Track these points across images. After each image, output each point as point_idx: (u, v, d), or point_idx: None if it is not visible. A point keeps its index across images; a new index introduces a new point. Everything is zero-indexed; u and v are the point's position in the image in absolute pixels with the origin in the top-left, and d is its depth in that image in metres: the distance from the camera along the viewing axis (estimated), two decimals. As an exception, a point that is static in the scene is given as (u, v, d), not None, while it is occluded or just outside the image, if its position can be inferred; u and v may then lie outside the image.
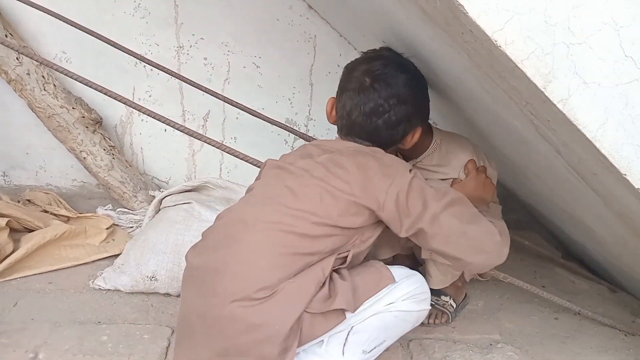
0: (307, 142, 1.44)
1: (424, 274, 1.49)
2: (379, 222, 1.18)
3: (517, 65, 0.80)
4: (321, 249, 1.11)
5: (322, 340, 1.12)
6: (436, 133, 1.46)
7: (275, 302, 1.04)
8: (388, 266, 1.20)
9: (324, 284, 1.10)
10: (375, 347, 1.17)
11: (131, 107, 1.48)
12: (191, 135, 1.40)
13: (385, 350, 1.31)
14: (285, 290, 1.05)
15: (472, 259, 1.18)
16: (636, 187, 0.88)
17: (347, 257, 1.15)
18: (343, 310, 1.10)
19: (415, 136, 1.30)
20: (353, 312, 1.10)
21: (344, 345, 1.13)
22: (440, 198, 1.14)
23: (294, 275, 1.08)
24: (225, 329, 1.05)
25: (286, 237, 1.09)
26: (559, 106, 0.83)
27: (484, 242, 1.17)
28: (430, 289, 1.48)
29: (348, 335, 1.13)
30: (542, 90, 0.82)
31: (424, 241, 1.16)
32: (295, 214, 1.10)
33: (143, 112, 1.43)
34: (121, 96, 1.44)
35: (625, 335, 1.45)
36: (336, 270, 1.14)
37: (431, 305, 1.45)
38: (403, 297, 1.17)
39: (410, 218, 1.13)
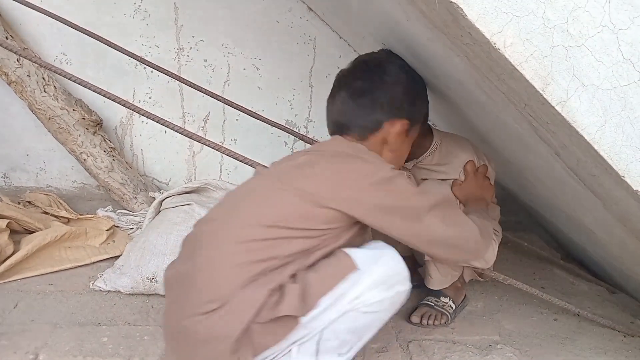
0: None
1: (424, 274, 1.50)
2: (356, 222, 1.11)
3: (515, 68, 0.81)
4: (280, 253, 1.04)
5: (290, 350, 1.04)
6: (436, 134, 1.47)
7: (221, 315, 1.00)
8: (354, 249, 1.09)
9: (279, 289, 1.02)
10: (351, 348, 1.10)
11: (130, 109, 1.48)
12: (190, 137, 1.40)
13: (384, 352, 1.31)
14: (233, 301, 1.00)
15: (450, 257, 1.23)
16: (635, 188, 0.89)
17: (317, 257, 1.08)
18: (295, 316, 1.01)
19: (396, 127, 1.22)
20: (304, 315, 1.01)
21: (317, 355, 1.05)
22: (422, 198, 1.12)
23: (248, 284, 1.02)
24: (183, 344, 1.04)
25: (242, 247, 1.04)
26: (558, 108, 0.83)
27: (465, 244, 1.18)
28: (430, 289, 1.49)
29: (319, 344, 1.05)
30: (541, 92, 0.82)
31: (403, 240, 1.14)
32: (250, 221, 1.06)
33: (142, 114, 1.43)
34: (120, 98, 1.44)
35: (625, 336, 1.45)
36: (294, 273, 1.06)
37: (430, 306, 1.47)
38: (370, 286, 1.05)
39: (389, 217, 1.09)
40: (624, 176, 0.88)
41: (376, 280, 1.05)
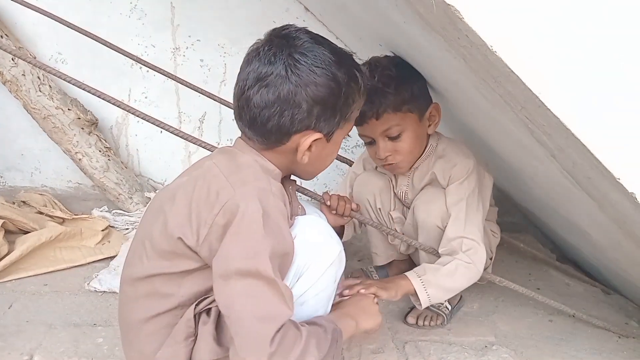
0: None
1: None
2: None
3: (512, 71, 0.81)
4: (178, 301, 0.96)
5: None
6: (432, 137, 1.46)
7: None
8: None
9: (195, 335, 0.96)
10: (300, 277, 1.00)
11: (125, 110, 1.47)
12: (185, 139, 1.40)
13: (380, 353, 1.32)
14: None
15: (237, 345, 0.90)
16: (630, 191, 0.89)
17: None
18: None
19: (307, 140, 0.99)
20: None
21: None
22: (252, 264, 0.89)
23: (166, 337, 0.96)
24: None
25: (138, 304, 0.99)
26: (554, 111, 0.84)
27: (255, 335, 0.88)
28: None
29: None
30: (537, 95, 0.83)
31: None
32: (134, 275, 1.00)
33: (137, 116, 1.42)
34: (115, 99, 1.44)
35: (619, 337, 1.46)
36: (209, 310, 0.97)
37: (426, 307, 1.47)
38: (296, 278, 1.00)
39: (224, 273, 0.90)
40: (619, 178, 0.88)
41: (304, 272, 1.00)
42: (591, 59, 0.81)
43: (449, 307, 1.49)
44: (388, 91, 1.31)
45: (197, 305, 0.96)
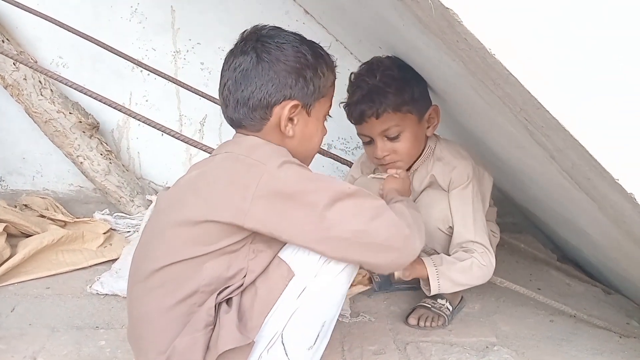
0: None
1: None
2: None
3: (511, 73, 0.81)
4: (196, 286, 0.98)
5: (260, 358, 1.02)
6: (430, 139, 1.47)
7: None
8: (289, 250, 1.02)
9: (215, 324, 0.98)
10: (317, 336, 1.05)
11: (126, 113, 1.48)
12: (186, 142, 1.41)
13: (382, 354, 1.32)
14: (176, 350, 0.97)
15: (378, 260, 1.00)
16: (629, 191, 0.89)
17: (244, 278, 1.00)
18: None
19: (285, 110, 1.05)
20: (251, 340, 0.97)
21: (286, 353, 1.02)
22: (321, 192, 0.96)
23: (183, 326, 0.98)
24: None
25: (156, 292, 1.01)
26: (552, 112, 0.84)
27: (390, 239, 0.99)
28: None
29: (283, 344, 1.02)
30: (536, 97, 0.83)
31: (307, 247, 0.99)
32: (154, 265, 1.01)
33: (138, 119, 1.43)
34: (116, 103, 1.45)
35: (620, 337, 1.46)
36: (230, 298, 1.00)
37: (427, 308, 1.47)
38: (315, 278, 1.01)
39: (281, 224, 0.95)
40: (618, 179, 0.88)
41: (320, 270, 1.01)
42: (590, 60, 0.82)
43: (450, 308, 1.49)
44: (389, 91, 1.33)
45: (218, 294, 0.99)
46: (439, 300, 1.49)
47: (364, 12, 1.43)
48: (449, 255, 1.39)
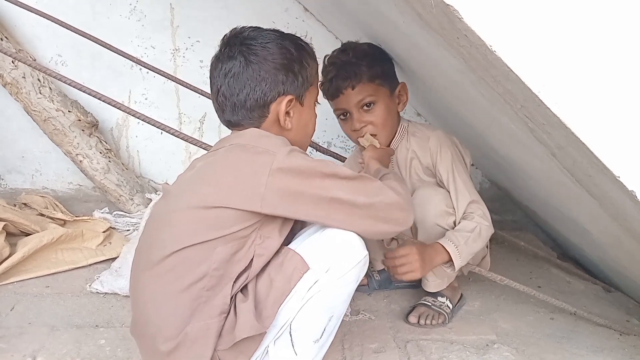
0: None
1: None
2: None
3: (512, 70, 0.81)
4: (205, 270, 1.00)
5: (267, 351, 1.04)
6: (403, 120, 1.55)
7: (183, 354, 0.99)
8: (301, 242, 1.07)
9: (229, 312, 1.00)
10: (324, 329, 1.08)
11: (125, 111, 1.48)
12: (186, 140, 1.41)
13: (382, 352, 1.32)
14: (188, 336, 0.99)
15: (378, 229, 1.08)
16: (630, 189, 0.89)
17: (251, 262, 1.03)
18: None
19: (282, 105, 1.11)
20: (267, 328, 1.00)
21: (293, 345, 1.04)
22: (336, 175, 1.03)
23: (193, 312, 1.00)
24: None
25: (166, 278, 1.01)
26: (553, 109, 0.84)
27: (390, 212, 1.07)
28: (427, 290, 1.50)
29: (291, 335, 1.04)
30: (537, 94, 0.83)
31: (323, 223, 1.05)
32: (164, 251, 1.02)
33: (137, 117, 1.43)
34: (115, 101, 1.44)
35: (620, 335, 1.46)
36: (244, 287, 1.03)
37: (428, 306, 1.47)
38: (327, 272, 1.04)
39: (295, 204, 1.01)
40: (619, 176, 0.88)
41: (332, 266, 1.04)
42: (590, 57, 0.82)
43: (450, 306, 1.49)
44: (362, 63, 1.43)
45: (235, 282, 1.01)
46: (439, 298, 1.49)
47: (364, 9, 1.43)
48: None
